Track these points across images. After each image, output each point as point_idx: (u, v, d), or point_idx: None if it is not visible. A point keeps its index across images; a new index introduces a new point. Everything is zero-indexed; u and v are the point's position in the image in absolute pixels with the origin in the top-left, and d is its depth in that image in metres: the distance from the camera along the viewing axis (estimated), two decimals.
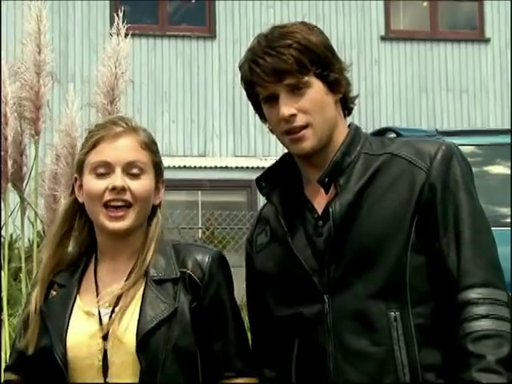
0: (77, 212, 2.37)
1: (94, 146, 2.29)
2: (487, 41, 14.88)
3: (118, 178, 2.25)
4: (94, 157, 2.29)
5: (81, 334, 2.25)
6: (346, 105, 2.33)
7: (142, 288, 2.27)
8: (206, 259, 2.33)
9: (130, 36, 4.16)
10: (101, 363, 2.22)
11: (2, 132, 3.98)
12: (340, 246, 2.18)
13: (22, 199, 4.26)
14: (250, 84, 2.28)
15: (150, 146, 2.34)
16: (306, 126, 2.21)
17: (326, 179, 2.23)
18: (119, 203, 2.26)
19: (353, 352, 2.15)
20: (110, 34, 4.17)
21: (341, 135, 2.28)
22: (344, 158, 2.24)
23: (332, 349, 2.17)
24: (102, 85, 4.03)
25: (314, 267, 2.21)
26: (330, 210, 2.19)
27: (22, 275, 4.25)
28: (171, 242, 2.38)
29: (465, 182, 2.21)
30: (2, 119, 3.97)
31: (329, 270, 2.19)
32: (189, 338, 2.27)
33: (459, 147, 2.26)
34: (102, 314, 2.26)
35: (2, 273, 4.15)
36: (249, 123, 13.63)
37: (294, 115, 2.21)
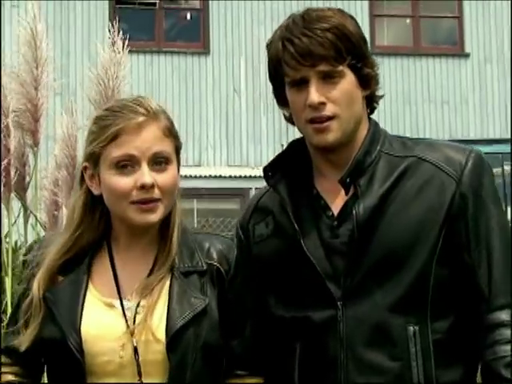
0: (92, 203, 2.05)
1: (114, 138, 1.97)
2: (467, 55, 14.91)
3: (145, 175, 1.96)
4: (116, 151, 1.97)
5: (100, 326, 1.96)
6: (371, 103, 2.11)
7: (168, 280, 2.00)
8: (232, 252, 2.09)
9: (127, 51, 4.15)
10: (123, 359, 1.94)
11: (4, 144, 3.95)
12: (361, 251, 1.97)
13: (25, 208, 4.26)
14: (278, 64, 2.06)
15: (172, 131, 2.05)
16: (332, 117, 1.99)
17: (348, 179, 2.01)
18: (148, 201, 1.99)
19: (367, 364, 1.94)
20: (113, 48, 4.14)
21: (363, 133, 2.06)
22: (365, 158, 2.03)
23: (344, 359, 1.95)
24: (99, 97, 4.02)
25: (327, 271, 1.98)
26: (354, 211, 1.97)
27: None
28: (192, 231, 2.13)
29: (494, 194, 2.03)
30: (5, 131, 3.95)
31: (346, 276, 1.97)
32: (216, 333, 2.02)
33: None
34: (125, 307, 1.98)
35: (7, 278, 4.13)
36: (241, 134, 13.61)
37: (323, 103, 1.98)
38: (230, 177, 13.13)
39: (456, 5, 15.07)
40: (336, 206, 2.03)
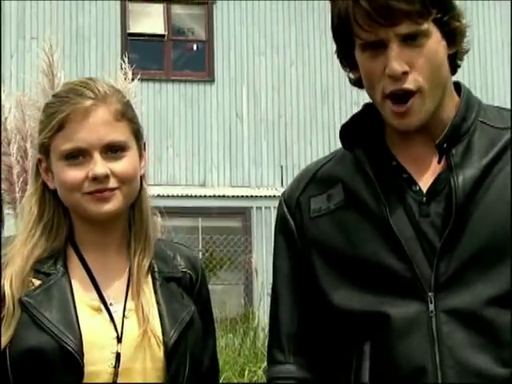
0: (49, 198, 1.72)
1: (61, 127, 1.64)
2: None
3: (98, 165, 1.63)
4: (63, 142, 1.64)
5: (93, 331, 1.62)
6: (455, 61, 1.61)
7: (151, 284, 1.70)
8: (197, 261, 1.81)
9: (137, 79, 4.16)
10: (113, 369, 1.60)
11: (21, 164, 3.95)
12: (459, 231, 1.48)
13: None
14: (347, 21, 1.54)
15: (126, 113, 1.70)
16: (414, 93, 1.50)
17: (445, 145, 1.54)
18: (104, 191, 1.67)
19: (472, 370, 1.43)
20: (125, 77, 4.15)
21: (449, 98, 1.60)
22: (462, 124, 1.57)
23: (439, 363, 1.44)
24: None
25: (415, 255, 1.49)
26: (452, 184, 1.50)
27: None
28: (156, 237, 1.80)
29: None
30: (23, 153, 3.94)
31: (439, 262, 1.47)
32: (200, 345, 1.73)
33: None
34: (111, 311, 1.66)
35: None
36: (243, 156, 13.61)
37: (406, 73, 1.49)
38: (233, 196, 13.12)
39: None
40: (423, 180, 1.55)
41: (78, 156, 1.65)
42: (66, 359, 1.56)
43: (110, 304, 1.66)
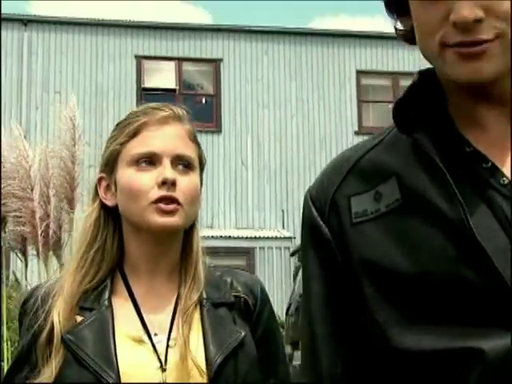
0: (105, 220, 1.56)
1: (135, 134, 1.52)
2: None
3: (167, 170, 1.49)
4: (136, 147, 1.51)
5: (133, 364, 1.45)
6: None
7: (198, 312, 1.51)
8: (256, 284, 1.59)
9: None
10: None
11: (44, 209, 3.97)
12: None
13: (61, 264, 4.26)
14: None
15: (196, 139, 1.59)
16: (492, 41, 0.97)
17: None
18: (168, 202, 1.49)
19: None
20: None
21: None
22: None
23: None
24: None
25: (510, 271, 0.95)
26: None
27: None
28: (211, 266, 1.62)
29: None
30: (46, 199, 3.97)
31: None
32: (256, 373, 1.50)
33: None
34: (154, 342, 1.47)
35: None
36: (248, 201, 13.62)
37: (479, 21, 0.96)
38: (238, 237, 13.10)
39: None
40: (510, 168, 1.01)
41: (148, 162, 1.51)
42: None
43: (155, 334, 1.48)
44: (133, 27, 14.48)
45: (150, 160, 1.50)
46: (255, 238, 12.80)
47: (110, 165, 1.56)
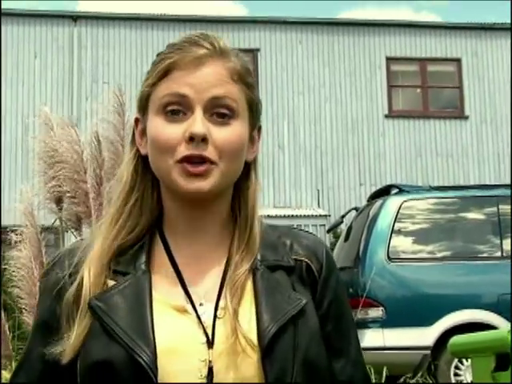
0: (142, 167, 1.24)
1: (166, 74, 1.19)
2: (466, 118, 14.80)
3: (197, 123, 1.15)
4: (164, 89, 1.18)
5: (173, 339, 1.14)
6: None
7: (251, 276, 1.19)
8: (320, 247, 1.26)
9: None
10: (203, 380, 1.11)
11: (97, 188, 4.01)
12: None
13: None
14: None
15: (245, 77, 1.22)
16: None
17: None
18: (198, 161, 1.16)
19: None
20: None
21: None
22: None
23: None
24: None
25: None
26: None
27: None
28: (268, 225, 1.30)
29: None
30: (99, 179, 4.00)
31: None
32: (318, 346, 1.19)
33: None
34: (199, 312, 1.16)
35: None
36: (285, 181, 13.61)
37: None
38: (276, 216, 13.12)
39: (457, 77, 15.02)
40: None
41: (178, 112, 1.17)
42: (138, 374, 1.11)
43: (200, 304, 1.18)
44: (174, 21, 14.50)
45: (180, 108, 1.17)
46: (292, 216, 12.78)
47: (142, 107, 1.24)
